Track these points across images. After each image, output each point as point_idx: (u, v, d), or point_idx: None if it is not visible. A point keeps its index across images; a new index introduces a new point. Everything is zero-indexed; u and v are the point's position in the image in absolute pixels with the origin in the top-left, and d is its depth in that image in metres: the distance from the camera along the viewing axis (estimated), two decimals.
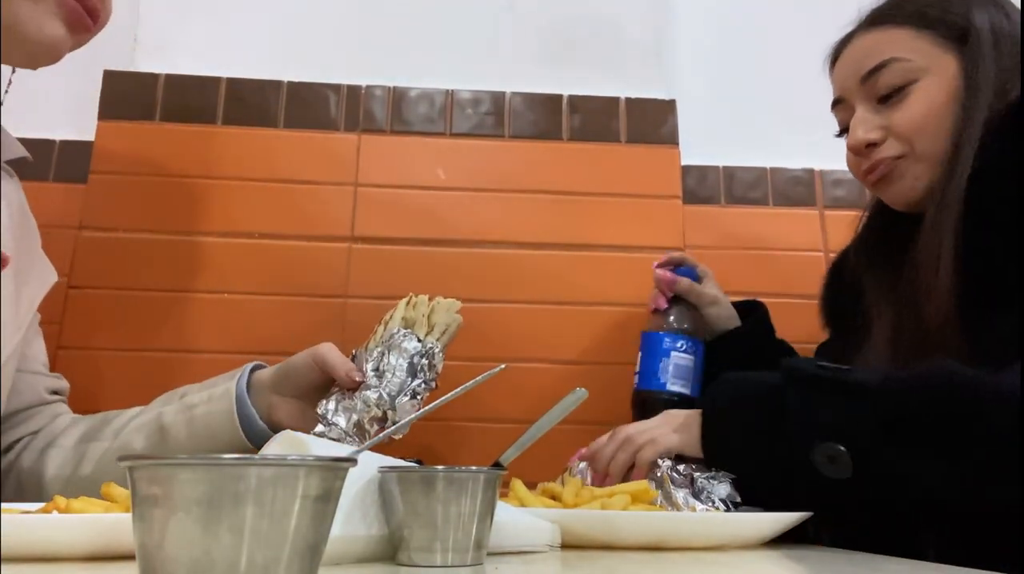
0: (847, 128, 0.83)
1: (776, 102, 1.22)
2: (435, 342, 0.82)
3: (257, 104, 1.12)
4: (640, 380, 0.94)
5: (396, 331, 0.82)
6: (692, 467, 0.72)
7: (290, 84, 1.13)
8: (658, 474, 0.72)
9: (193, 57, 1.13)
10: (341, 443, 0.75)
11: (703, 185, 1.20)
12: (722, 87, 1.25)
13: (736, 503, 0.70)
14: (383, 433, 0.48)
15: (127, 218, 1.06)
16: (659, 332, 0.95)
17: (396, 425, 0.49)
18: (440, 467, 0.47)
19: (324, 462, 0.32)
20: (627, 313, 1.06)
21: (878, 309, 0.80)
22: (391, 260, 1.08)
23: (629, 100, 1.17)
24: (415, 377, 0.80)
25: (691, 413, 0.75)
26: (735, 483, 0.71)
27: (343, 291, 1.06)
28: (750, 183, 1.20)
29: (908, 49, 0.78)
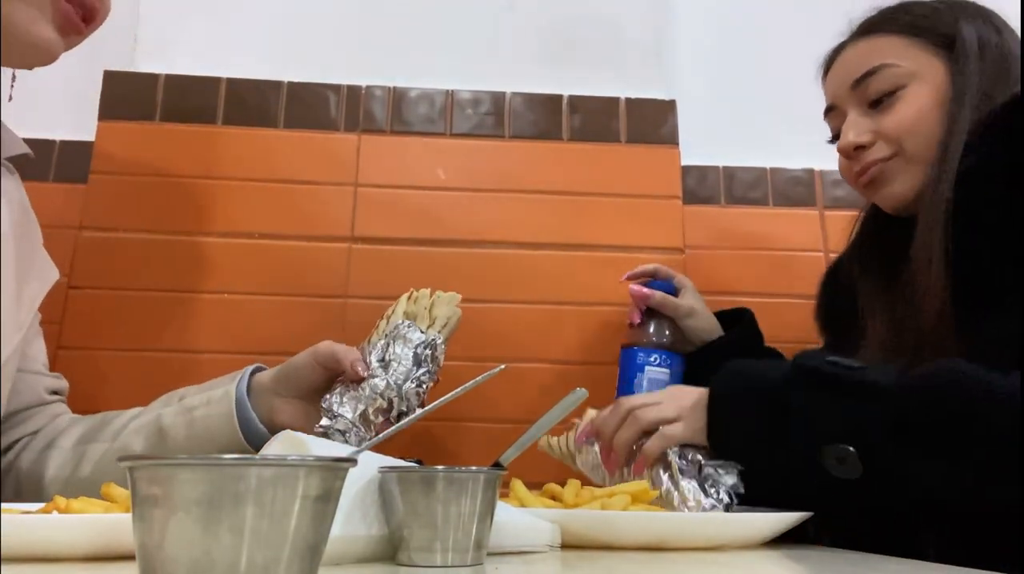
0: (840, 134, 0.84)
1: (776, 102, 1.22)
2: (437, 334, 0.83)
3: (257, 104, 1.12)
4: (617, 395, 0.94)
5: (400, 323, 0.82)
6: (700, 454, 0.72)
7: (290, 84, 1.13)
8: (666, 459, 0.72)
9: (193, 57, 1.13)
10: (347, 434, 0.75)
11: (703, 185, 1.20)
12: (722, 87, 1.25)
13: (739, 494, 0.69)
14: (383, 433, 0.48)
15: (127, 218, 1.06)
16: (633, 347, 0.95)
17: (396, 426, 0.49)
18: (440, 467, 0.47)
19: (324, 462, 0.32)
20: (627, 313, 1.06)
21: (873, 313, 0.80)
22: (391, 260, 1.08)
23: (629, 100, 1.17)
24: (420, 366, 0.80)
25: (699, 397, 0.73)
26: (742, 474, 0.70)
27: (343, 291, 1.06)
28: (750, 183, 1.21)
29: (898, 56, 0.80)
